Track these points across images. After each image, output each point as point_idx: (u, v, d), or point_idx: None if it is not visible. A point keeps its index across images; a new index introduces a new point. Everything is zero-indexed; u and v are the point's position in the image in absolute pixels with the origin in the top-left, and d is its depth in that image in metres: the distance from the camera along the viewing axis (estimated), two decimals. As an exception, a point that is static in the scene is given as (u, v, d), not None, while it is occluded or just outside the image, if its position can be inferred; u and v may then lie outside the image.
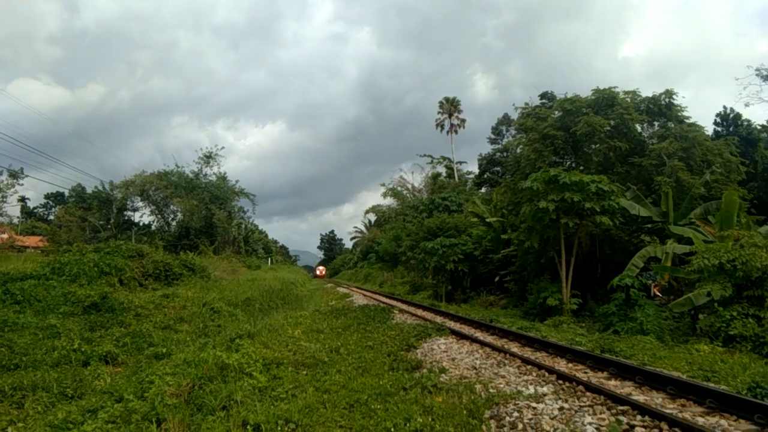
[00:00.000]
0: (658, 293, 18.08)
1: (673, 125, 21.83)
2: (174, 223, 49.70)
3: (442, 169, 62.93)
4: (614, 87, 22.53)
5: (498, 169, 49.51)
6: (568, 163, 23.81)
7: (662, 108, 22.41)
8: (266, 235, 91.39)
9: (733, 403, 6.24)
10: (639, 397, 7.00)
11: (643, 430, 5.78)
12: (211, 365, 8.41)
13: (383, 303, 24.47)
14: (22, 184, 39.07)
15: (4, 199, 37.41)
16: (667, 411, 6.24)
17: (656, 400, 6.89)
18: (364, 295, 33.19)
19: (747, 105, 28.26)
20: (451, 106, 64.60)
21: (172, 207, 48.69)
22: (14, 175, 37.32)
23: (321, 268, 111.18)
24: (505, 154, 46.82)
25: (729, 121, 34.56)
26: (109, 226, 46.40)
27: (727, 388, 7.07)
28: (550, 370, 8.56)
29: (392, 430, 5.82)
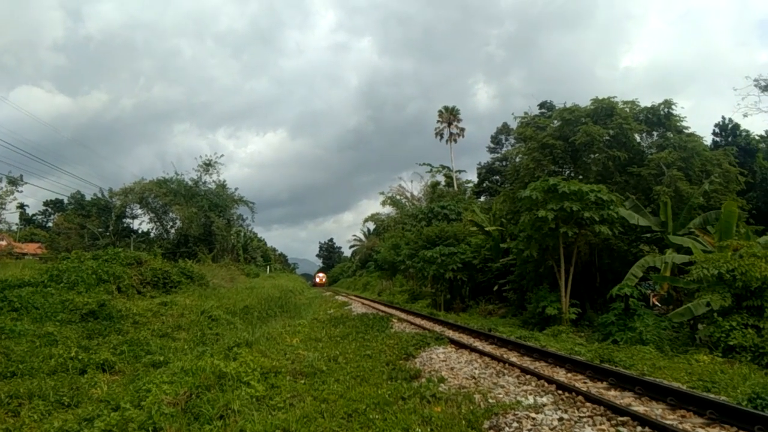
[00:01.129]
0: (657, 303, 18.06)
1: (672, 135, 21.88)
2: (173, 231, 49.58)
3: (441, 178, 62.98)
4: (613, 97, 22.61)
5: (497, 178, 49.56)
6: (567, 172, 23.84)
7: (661, 118, 22.47)
8: (265, 243, 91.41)
9: (734, 414, 6.22)
10: (639, 407, 6.97)
11: (643, 441, 5.74)
12: (209, 374, 8.38)
13: (382, 311, 24.41)
14: (21, 191, 39.10)
15: (3, 206, 37.42)
16: (668, 422, 6.21)
17: (656, 410, 6.86)
18: (363, 304, 33.12)
19: (746, 115, 28.34)
20: (450, 115, 64.72)
21: (171, 214, 48.59)
22: (13, 182, 37.31)
23: (321, 275, 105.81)
24: (504, 163, 46.88)
25: (728, 131, 34.70)
26: (107, 234, 46.30)
27: (728, 399, 7.05)
28: (550, 380, 8.52)
29: (391, 440, 5.79)
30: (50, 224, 70.83)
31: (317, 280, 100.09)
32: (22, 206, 63.89)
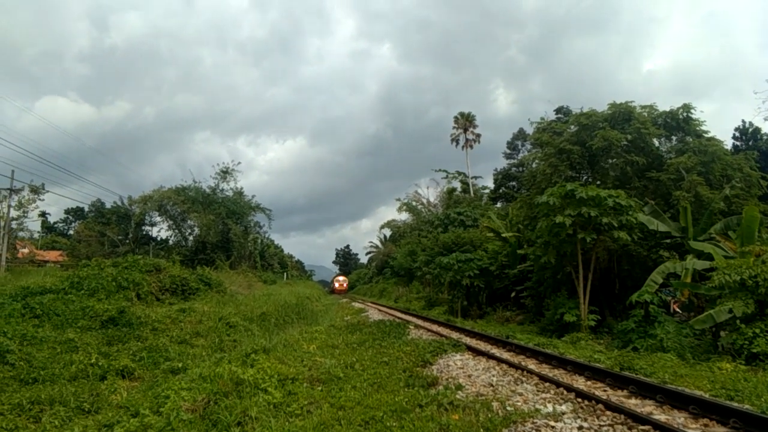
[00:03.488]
0: (678, 310, 17.80)
1: (691, 139, 21.62)
2: (191, 238, 50.25)
3: (457, 184, 62.95)
4: (631, 101, 22.43)
5: (513, 183, 49.45)
6: (585, 177, 23.64)
7: (680, 122, 22.20)
8: (282, 250, 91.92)
9: (758, 424, 6.08)
10: (660, 416, 6.86)
11: (665, 450, 5.65)
12: (227, 380, 8.42)
13: (398, 318, 24.37)
14: (43, 200, 39.80)
15: (25, 214, 38.12)
16: (690, 431, 6.11)
17: (678, 419, 6.75)
18: (380, 310, 33.10)
19: (766, 119, 27.93)
20: (466, 121, 64.64)
21: (189, 222, 49.27)
22: (35, 191, 38.02)
23: (340, 278, 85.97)
24: (520, 169, 46.74)
25: (748, 135, 34.26)
26: (127, 241, 47.01)
27: (752, 408, 6.91)
28: (569, 388, 8.43)
29: (408, 448, 5.76)
30: (71, 232, 72.08)
31: (336, 285, 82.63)
32: (43, 214, 65.11)
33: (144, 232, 50.91)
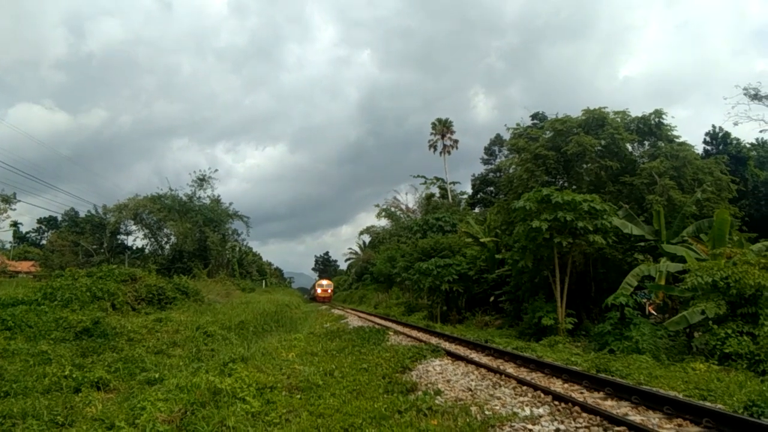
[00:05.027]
0: (653, 312, 18.08)
1: (663, 144, 22.08)
2: (167, 247, 49.62)
3: (435, 190, 63.25)
4: (604, 107, 22.81)
5: (491, 189, 49.84)
6: (561, 182, 23.96)
7: (652, 127, 22.68)
8: (260, 258, 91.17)
9: (730, 423, 6.22)
10: (636, 417, 6.97)
11: (640, 450, 5.73)
12: (204, 390, 8.32)
13: (378, 324, 24.33)
14: (15, 209, 38.99)
15: (-4, 224, 37.29)
16: (664, 431, 6.21)
17: (653, 420, 6.86)
18: (359, 317, 32.99)
19: (736, 124, 28.65)
20: (443, 128, 65.06)
21: (165, 230, 48.65)
22: (7, 200, 37.26)
23: (324, 283, 74.26)
24: (498, 174, 47.15)
25: (718, 139, 35.01)
26: (102, 251, 46.16)
27: (724, 407, 7.06)
28: (546, 391, 8.51)
29: (387, 454, 5.75)
30: (44, 242, 70.62)
31: (318, 291, 71.24)
32: (15, 224, 63.71)
33: (119, 242, 50.08)
